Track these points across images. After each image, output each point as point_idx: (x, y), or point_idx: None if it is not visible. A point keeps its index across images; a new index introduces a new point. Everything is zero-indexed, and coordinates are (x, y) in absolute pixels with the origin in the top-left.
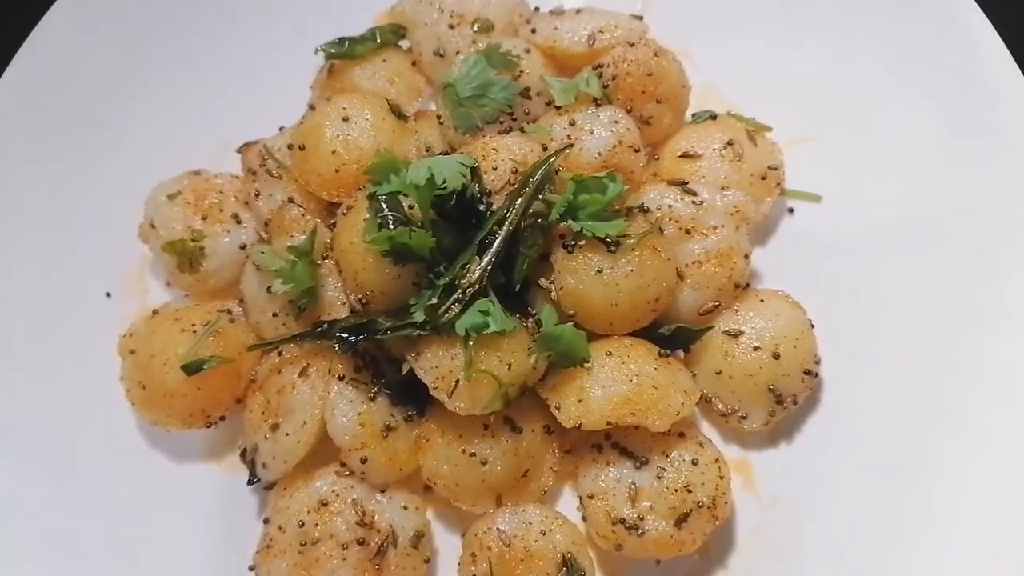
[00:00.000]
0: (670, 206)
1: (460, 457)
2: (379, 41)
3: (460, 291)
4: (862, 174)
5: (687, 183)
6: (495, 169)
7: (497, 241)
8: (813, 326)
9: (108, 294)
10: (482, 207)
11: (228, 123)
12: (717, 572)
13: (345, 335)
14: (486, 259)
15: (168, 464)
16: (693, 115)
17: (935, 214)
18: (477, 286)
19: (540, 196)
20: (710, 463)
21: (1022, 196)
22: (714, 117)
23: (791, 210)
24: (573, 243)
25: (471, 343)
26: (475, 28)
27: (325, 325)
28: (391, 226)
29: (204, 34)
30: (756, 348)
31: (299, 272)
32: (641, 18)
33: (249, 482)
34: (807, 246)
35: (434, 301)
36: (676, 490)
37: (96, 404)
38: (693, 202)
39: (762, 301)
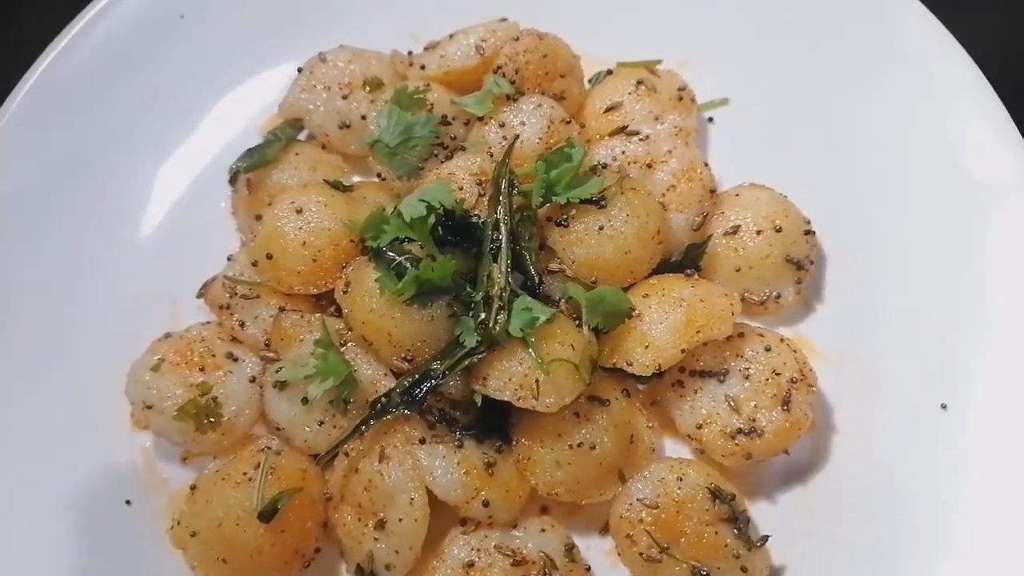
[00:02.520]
0: (623, 152)
1: (570, 454)
2: (283, 140)
3: (497, 299)
4: (749, 78)
5: (626, 127)
6: (461, 189)
7: (503, 243)
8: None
9: (128, 502)
10: (474, 219)
11: (167, 285)
12: (832, 439)
13: (409, 396)
14: (502, 262)
15: None
16: (589, 81)
17: (822, 75)
18: (508, 289)
19: (514, 191)
20: (778, 344)
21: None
22: (610, 72)
23: (711, 119)
24: (565, 217)
25: (532, 340)
26: (367, 90)
27: (383, 399)
28: (411, 267)
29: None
30: (758, 232)
31: (333, 362)
32: (506, 19)
33: None
34: (738, 143)
35: (482, 316)
36: (767, 379)
37: None
38: (640, 140)
39: (737, 195)
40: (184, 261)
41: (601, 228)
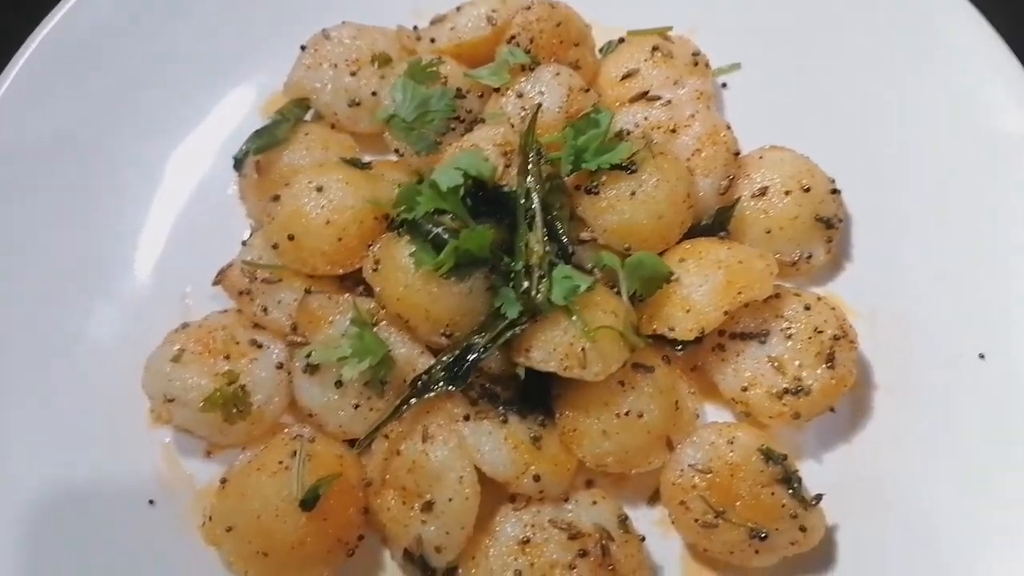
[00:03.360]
0: (645, 118)
1: (617, 423)
2: (291, 121)
3: (538, 268)
4: (757, 42)
5: (646, 93)
6: (486, 160)
7: (537, 211)
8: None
9: (151, 501)
10: (506, 189)
11: (176, 277)
12: (872, 395)
13: (451, 372)
14: (538, 231)
15: None
16: (600, 50)
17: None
18: (548, 258)
19: (542, 160)
20: (816, 303)
21: None
22: (622, 40)
23: (724, 85)
24: (595, 184)
25: (576, 308)
26: (376, 66)
27: (424, 377)
28: (449, 238)
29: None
30: (786, 192)
31: (368, 342)
32: None
33: None
34: (752, 107)
35: (524, 285)
36: (810, 338)
37: None
38: (662, 105)
39: (761, 158)
40: (191, 252)
41: (633, 194)
